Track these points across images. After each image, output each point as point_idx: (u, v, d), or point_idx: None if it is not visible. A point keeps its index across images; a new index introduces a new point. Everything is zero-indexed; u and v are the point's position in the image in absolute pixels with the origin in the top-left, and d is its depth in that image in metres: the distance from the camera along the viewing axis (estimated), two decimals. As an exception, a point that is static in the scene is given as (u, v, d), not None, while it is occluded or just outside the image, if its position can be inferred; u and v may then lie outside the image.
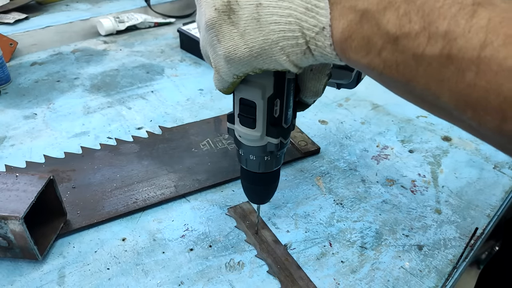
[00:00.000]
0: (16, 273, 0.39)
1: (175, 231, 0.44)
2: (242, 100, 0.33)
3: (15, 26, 0.89)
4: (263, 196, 0.41)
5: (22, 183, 0.39)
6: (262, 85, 0.31)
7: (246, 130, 0.34)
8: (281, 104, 0.33)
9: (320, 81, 0.33)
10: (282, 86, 0.32)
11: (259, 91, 0.31)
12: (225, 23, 0.27)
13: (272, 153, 0.36)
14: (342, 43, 0.23)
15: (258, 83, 0.31)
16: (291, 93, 0.33)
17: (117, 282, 0.39)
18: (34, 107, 0.65)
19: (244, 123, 0.34)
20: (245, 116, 0.33)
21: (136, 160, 0.53)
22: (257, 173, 0.38)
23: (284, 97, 0.33)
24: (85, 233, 0.44)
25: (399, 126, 0.63)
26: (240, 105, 0.33)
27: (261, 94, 0.32)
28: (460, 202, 0.50)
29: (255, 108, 0.33)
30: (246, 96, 0.32)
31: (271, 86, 0.31)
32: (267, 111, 0.33)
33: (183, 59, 0.82)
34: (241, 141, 0.36)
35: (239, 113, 0.34)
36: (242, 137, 0.35)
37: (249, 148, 0.36)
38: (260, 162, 0.37)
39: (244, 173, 0.39)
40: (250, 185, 0.40)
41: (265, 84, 0.31)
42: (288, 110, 0.34)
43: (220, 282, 0.39)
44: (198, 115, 0.64)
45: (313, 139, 0.58)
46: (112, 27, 0.90)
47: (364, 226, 0.46)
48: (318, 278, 0.40)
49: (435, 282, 0.40)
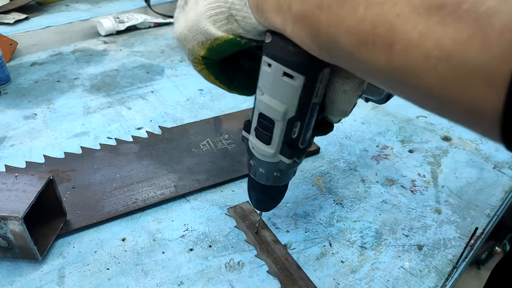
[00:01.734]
0: (16, 273, 0.39)
1: (175, 231, 0.44)
2: (262, 115, 0.32)
3: (15, 26, 0.90)
4: (268, 205, 0.41)
5: (22, 183, 0.39)
6: (285, 105, 0.30)
7: (260, 144, 0.33)
8: (301, 126, 0.32)
9: (350, 102, 0.31)
10: (306, 110, 0.31)
11: (280, 111, 0.30)
12: (179, 14, 0.32)
13: (282, 170, 0.35)
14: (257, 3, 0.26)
15: (281, 103, 0.30)
16: (313, 116, 0.32)
17: (117, 282, 0.39)
18: (34, 107, 0.65)
19: (260, 137, 0.33)
20: (262, 131, 0.33)
21: (136, 160, 0.53)
22: (264, 185, 0.37)
23: (305, 120, 0.31)
24: (85, 233, 0.44)
25: (399, 126, 0.63)
26: (258, 119, 0.32)
27: (282, 115, 0.30)
28: (460, 202, 0.50)
29: (273, 126, 0.31)
30: (266, 112, 0.31)
31: (294, 109, 0.30)
32: (285, 132, 0.31)
33: (183, 59, 0.82)
34: (253, 153, 0.35)
35: (256, 127, 0.33)
36: (254, 149, 0.34)
37: (260, 162, 0.35)
38: (268, 176, 0.36)
39: (252, 182, 0.38)
40: (255, 194, 0.39)
41: (289, 105, 0.30)
42: (307, 132, 0.33)
43: (220, 282, 0.39)
44: (198, 115, 0.64)
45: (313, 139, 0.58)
46: (112, 27, 0.90)
47: (364, 226, 0.46)
48: (318, 278, 0.40)
49: (435, 282, 0.40)
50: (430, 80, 0.19)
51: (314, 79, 0.29)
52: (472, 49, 0.17)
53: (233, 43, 0.30)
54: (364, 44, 0.21)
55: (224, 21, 0.29)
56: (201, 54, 0.31)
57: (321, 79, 0.29)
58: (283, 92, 0.29)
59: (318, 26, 0.23)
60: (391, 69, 0.20)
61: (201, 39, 0.30)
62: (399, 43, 0.19)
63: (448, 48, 0.17)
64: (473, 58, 0.17)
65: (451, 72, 0.18)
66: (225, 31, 0.29)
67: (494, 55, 0.16)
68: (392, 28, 0.19)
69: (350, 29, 0.21)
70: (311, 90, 0.29)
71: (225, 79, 0.35)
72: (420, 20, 0.18)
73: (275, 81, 0.29)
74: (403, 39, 0.19)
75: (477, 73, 0.17)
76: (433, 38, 0.18)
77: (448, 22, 0.17)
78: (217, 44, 0.30)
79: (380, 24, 0.20)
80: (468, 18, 0.17)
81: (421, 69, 0.19)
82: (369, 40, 0.20)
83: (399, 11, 0.19)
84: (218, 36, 0.29)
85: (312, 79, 0.29)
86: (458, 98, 0.18)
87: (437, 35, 0.18)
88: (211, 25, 0.29)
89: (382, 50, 0.20)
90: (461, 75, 0.17)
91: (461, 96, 0.18)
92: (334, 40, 0.23)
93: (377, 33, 0.20)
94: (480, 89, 0.17)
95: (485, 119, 0.18)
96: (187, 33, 0.31)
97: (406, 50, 0.19)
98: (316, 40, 0.24)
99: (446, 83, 0.18)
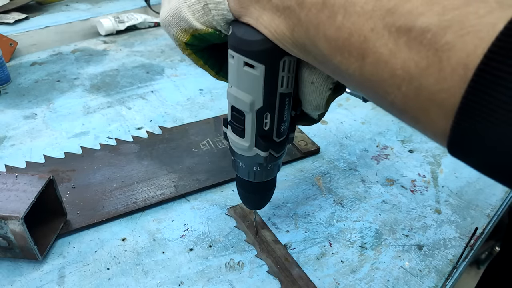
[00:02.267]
0: (16, 273, 0.39)
1: (175, 231, 0.44)
2: (233, 108, 0.33)
3: (15, 26, 0.89)
4: (256, 202, 0.41)
5: (22, 183, 0.39)
6: (251, 96, 0.31)
7: (236, 138, 0.34)
8: (271, 117, 0.32)
9: (321, 95, 0.31)
10: (273, 100, 0.31)
11: (247, 102, 0.31)
12: (164, 3, 0.32)
13: (261, 164, 0.36)
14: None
15: (247, 94, 0.31)
16: (285, 108, 0.32)
17: (117, 282, 0.39)
18: (34, 107, 0.65)
19: (235, 131, 0.34)
20: (235, 124, 0.33)
21: (136, 160, 0.53)
22: (248, 181, 0.38)
23: (275, 111, 0.32)
24: (85, 233, 0.44)
25: (399, 126, 0.63)
26: (231, 112, 0.33)
27: (250, 106, 0.31)
28: (460, 202, 0.50)
29: (244, 118, 0.32)
30: (236, 104, 0.32)
31: (260, 99, 0.31)
32: (256, 123, 0.32)
33: (183, 59, 0.82)
34: (232, 148, 0.36)
35: (230, 121, 0.34)
36: (233, 144, 0.35)
37: (239, 156, 0.36)
38: (249, 171, 0.36)
39: (237, 179, 0.39)
40: (241, 190, 0.40)
41: (254, 96, 0.30)
42: (281, 124, 0.33)
43: (220, 282, 0.39)
44: (198, 115, 0.64)
45: (313, 139, 0.58)
46: (112, 27, 0.90)
47: (364, 226, 0.46)
48: (318, 278, 0.40)
49: (435, 282, 0.40)
50: (394, 96, 0.20)
51: (276, 68, 0.29)
52: (430, 76, 0.18)
53: (212, 36, 0.31)
54: (340, 51, 0.22)
55: (201, 11, 0.29)
56: (184, 40, 0.31)
57: (283, 68, 0.29)
58: (247, 83, 0.30)
59: (297, 23, 0.24)
60: (362, 78, 0.21)
61: (184, 26, 0.31)
62: (371, 56, 0.20)
63: (412, 72, 0.18)
64: (431, 86, 0.18)
65: (413, 94, 0.19)
66: (203, 24, 0.30)
67: (447, 87, 0.17)
68: (366, 40, 0.20)
69: (328, 35, 0.22)
70: (274, 79, 0.30)
71: (214, 64, 0.35)
72: (390, 38, 0.19)
73: (239, 72, 0.30)
74: (375, 53, 0.20)
75: (433, 99, 0.18)
76: (401, 58, 0.19)
77: (414, 46, 0.18)
78: (199, 34, 0.31)
79: (356, 35, 0.20)
80: (430, 47, 0.18)
81: (388, 84, 0.20)
82: (345, 48, 0.21)
83: (373, 26, 0.20)
84: (197, 27, 0.30)
85: (272, 68, 0.29)
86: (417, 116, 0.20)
87: (404, 56, 0.19)
88: (190, 15, 0.29)
89: (356, 59, 0.21)
90: (420, 98, 0.19)
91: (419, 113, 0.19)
92: (311, 41, 0.23)
93: (352, 43, 0.21)
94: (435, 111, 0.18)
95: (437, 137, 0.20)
96: (170, 19, 0.31)
97: (376, 63, 0.20)
98: (292, 34, 0.25)
99: (407, 102, 0.20)
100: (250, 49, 0.28)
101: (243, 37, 0.28)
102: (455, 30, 0.17)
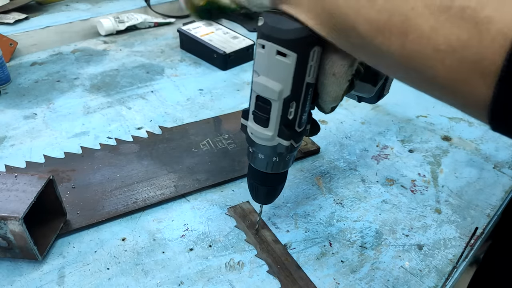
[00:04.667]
0: (16, 273, 0.39)
1: (175, 231, 0.44)
2: (259, 97, 0.33)
3: (15, 26, 0.89)
4: (268, 196, 0.41)
5: (21, 183, 0.39)
6: (281, 85, 0.31)
7: (258, 128, 0.35)
8: (296, 106, 0.33)
9: (340, 86, 0.32)
10: (300, 89, 0.32)
11: (276, 91, 0.31)
12: None
13: (281, 154, 0.36)
14: None
15: (277, 83, 0.31)
16: (308, 98, 0.33)
17: (117, 282, 0.39)
18: (34, 107, 0.65)
19: (258, 121, 0.34)
20: (259, 114, 0.34)
21: (136, 160, 0.53)
22: (264, 172, 0.38)
23: (300, 100, 0.33)
24: (85, 233, 0.44)
25: (399, 126, 0.63)
26: (256, 102, 0.34)
27: (278, 94, 0.32)
28: (460, 202, 0.50)
29: (270, 107, 0.33)
30: (263, 93, 0.32)
31: (288, 88, 0.31)
32: (281, 112, 0.33)
33: (183, 59, 0.82)
34: (252, 139, 0.36)
35: (254, 110, 0.34)
36: (253, 134, 0.35)
37: (259, 147, 0.36)
38: (268, 162, 0.37)
39: (251, 171, 0.39)
40: (255, 183, 0.40)
41: (284, 84, 0.31)
42: (303, 113, 0.34)
43: (220, 282, 0.39)
44: (198, 115, 0.64)
45: (313, 139, 0.58)
46: (112, 27, 0.90)
47: (364, 225, 0.46)
48: (318, 278, 0.40)
49: (435, 282, 0.40)
50: (437, 69, 0.21)
51: (306, 57, 0.30)
52: (472, 47, 0.19)
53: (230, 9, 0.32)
54: (381, 31, 0.23)
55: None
56: (200, 4, 0.32)
57: (312, 57, 0.30)
58: (278, 71, 0.31)
59: (336, 8, 0.25)
60: (404, 56, 0.23)
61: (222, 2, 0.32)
62: (413, 33, 0.21)
63: (454, 45, 0.20)
64: (473, 55, 0.20)
65: (456, 66, 0.20)
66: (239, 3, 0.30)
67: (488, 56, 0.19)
68: (407, 19, 0.21)
69: (369, 18, 0.23)
70: (304, 68, 0.31)
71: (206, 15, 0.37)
72: (431, 16, 0.21)
73: (270, 61, 0.31)
74: (417, 30, 0.21)
75: (475, 68, 0.20)
76: (442, 34, 0.20)
77: (454, 21, 0.20)
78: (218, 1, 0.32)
79: (397, 14, 0.22)
80: (470, 21, 0.19)
81: (431, 59, 0.21)
82: (386, 28, 0.23)
83: (414, 5, 0.21)
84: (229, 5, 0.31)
85: (304, 56, 0.30)
86: (459, 86, 0.21)
87: (445, 32, 0.20)
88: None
89: (398, 37, 0.22)
90: (462, 69, 0.20)
91: (461, 85, 0.21)
92: (351, 25, 0.24)
93: (394, 23, 0.22)
94: (477, 81, 0.20)
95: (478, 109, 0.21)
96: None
97: (419, 40, 0.21)
98: (331, 20, 0.26)
99: (450, 74, 0.21)
100: (286, 37, 0.29)
101: (277, 26, 0.29)
102: (493, 5, 0.19)
